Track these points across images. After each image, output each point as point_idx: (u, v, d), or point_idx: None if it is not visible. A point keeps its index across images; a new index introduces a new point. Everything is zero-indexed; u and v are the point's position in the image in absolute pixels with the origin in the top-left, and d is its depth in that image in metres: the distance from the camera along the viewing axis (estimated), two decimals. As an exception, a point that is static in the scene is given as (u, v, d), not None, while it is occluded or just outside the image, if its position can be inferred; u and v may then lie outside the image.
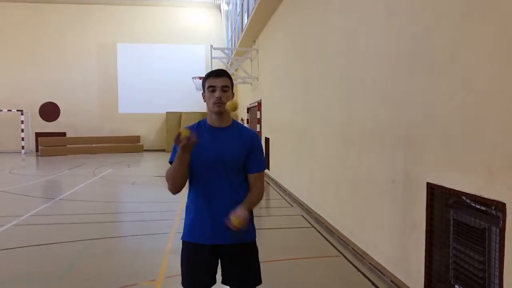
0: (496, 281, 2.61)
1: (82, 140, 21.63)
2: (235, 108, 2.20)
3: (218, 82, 2.22)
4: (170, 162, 2.26)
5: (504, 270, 2.51)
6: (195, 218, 2.25)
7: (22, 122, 21.18)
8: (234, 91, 2.35)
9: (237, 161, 2.25)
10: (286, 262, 4.80)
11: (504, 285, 2.51)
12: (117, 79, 22.97)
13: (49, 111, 22.44)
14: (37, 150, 21.55)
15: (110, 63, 22.88)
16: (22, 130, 21.22)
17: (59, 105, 22.45)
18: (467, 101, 2.85)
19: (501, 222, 2.53)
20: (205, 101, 2.30)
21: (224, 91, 2.22)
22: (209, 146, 2.23)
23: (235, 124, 2.36)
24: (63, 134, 22.33)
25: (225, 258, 2.28)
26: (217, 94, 2.20)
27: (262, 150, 2.40)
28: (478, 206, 2.79)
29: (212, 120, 2.29)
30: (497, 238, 2.61)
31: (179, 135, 1.99)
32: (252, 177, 2.30)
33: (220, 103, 2.20)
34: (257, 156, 2.31)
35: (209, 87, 2.23)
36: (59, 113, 22.51)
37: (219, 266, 2.32)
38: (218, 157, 2.20)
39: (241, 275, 2.28)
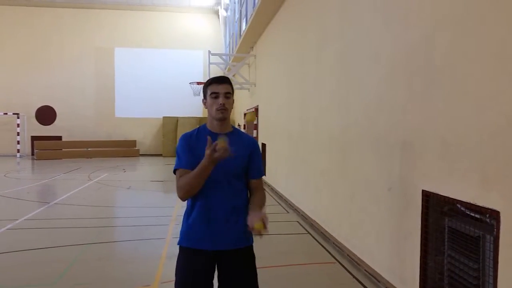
0: (490, 289, 2.62)
1: (78, 144, 21.51)
2: (253, 118, 2.26)
3: (220, 88, 2.26)
4: (175, 171, 2.27)
5: (498, 278, 2.53)
6: (194, 224, 2.25)
7: (18, 125, 21.07)
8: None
9: (238, 167, 2.27)
10: (281, 268, 4.80)
11: (498, 293, 2.53)
12: (114, 83, 22.90)
13: (45, 114, 22.31)
14: (32, 154, 21.39)
15: (108, 67, 22.81)
16: (18, 134, 21.12)
17: (55, 109, 22.37)
18: (463, 109, 2.88)
19: (495, 230, 2.55)
20: (206, 107, 2.33)
21: (227, 98, 2.27)
22: None
23: (235, 130, 2.40)
24: (59, 138, 22.19)
25: (223, 263, 2.28)
26: (220, 100, 2.24)
27: (261, 156, 2.44)
28: (472, 214, 2.81)
29: (213, 126, 2.32)
30: (491, 246, 2.63)
31: (215, 145, 1.98)
32: (254, 183, 2.37)
33: (223, 109, 2.24)
34: (257, 161, 2.39)
35: (211, 93, 2.26)
36: (55, 117, 22.42)
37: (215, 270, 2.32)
38: (220, 163, 2.22)
39: (239, 280, 2.29)
